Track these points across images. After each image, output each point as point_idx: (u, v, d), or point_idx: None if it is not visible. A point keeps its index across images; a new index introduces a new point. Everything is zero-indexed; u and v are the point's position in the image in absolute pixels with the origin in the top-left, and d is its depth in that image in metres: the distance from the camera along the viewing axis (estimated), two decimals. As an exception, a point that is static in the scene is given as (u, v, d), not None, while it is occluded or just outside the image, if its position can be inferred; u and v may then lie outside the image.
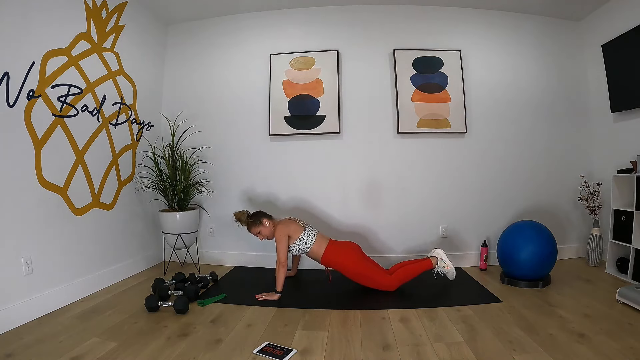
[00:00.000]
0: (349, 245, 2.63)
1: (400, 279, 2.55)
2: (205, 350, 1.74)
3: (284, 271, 2.47)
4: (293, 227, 2.57)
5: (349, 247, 2.62)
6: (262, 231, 2.61)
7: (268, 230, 2.61)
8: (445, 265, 2.63)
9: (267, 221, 2.61)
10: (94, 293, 2.58)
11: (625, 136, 3.00)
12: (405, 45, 3.29)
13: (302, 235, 2.56)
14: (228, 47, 3.44)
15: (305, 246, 2.57)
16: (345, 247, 2.61)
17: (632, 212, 2.65)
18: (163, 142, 3.37)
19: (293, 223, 2.59)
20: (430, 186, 3.27)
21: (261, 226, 2.60)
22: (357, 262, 2.55)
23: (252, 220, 2.63)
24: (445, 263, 2.64)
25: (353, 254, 2.57)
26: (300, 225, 2.60)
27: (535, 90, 3.35)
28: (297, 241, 2.56)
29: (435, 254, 2.68)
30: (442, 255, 2.66)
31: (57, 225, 2.33)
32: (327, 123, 3.25)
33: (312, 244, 2.57)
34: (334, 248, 2.58)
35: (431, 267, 2.63)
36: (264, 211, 2.73)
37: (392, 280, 2.53)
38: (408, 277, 2.57)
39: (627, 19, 2.89)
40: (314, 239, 2.58)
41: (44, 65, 2.20)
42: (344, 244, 2.65)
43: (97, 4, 2.64)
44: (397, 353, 1.72)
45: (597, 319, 2.01)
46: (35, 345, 1.78)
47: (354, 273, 2.55)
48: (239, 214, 2.67)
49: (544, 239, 2.58)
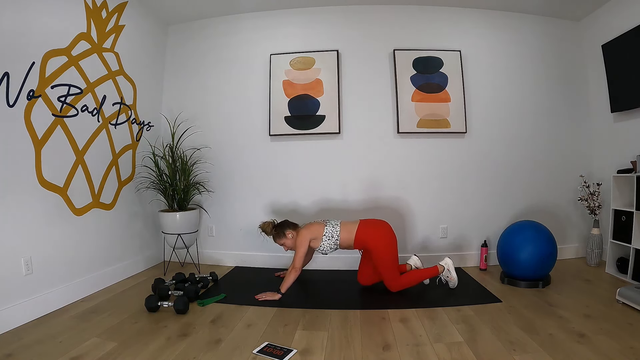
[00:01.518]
0: (383, 225, 2.57)
1: (406, 282, 2.53)
2: (205, 350, 1.74)
3: (295, 276, 2.46)
4: (314, 228, 2.55)
5: (384, 226, 2.56)
6: (286, 243, 2.61)
7: (291, 242, 2.60)
8: (450, 276, 2.60)
9: (290, 233, 2.60)
10: (94, 293, 2.58)
11: (625, 136, 3.00)
12: (405, 45, 3.29)
13: (326, 231, 2.54)
14: (228, 47, 3.44)
15: (334, 239, 2.53)
16: (380, 226, 2.55)
17: (632, 212, 2.64)
18: (163, 142, 3.37)
19: (313, 224, 2.59)
20: (430, 186, 3.27)
21: (284, 238, 2.60)
22: (390, 246, 2.49)
23: (276, 232, 2.63)
24: (451, 274, 2.60)
25: (388, 236, 2.51)
26: (320, 223, 2.59)
27: (535, 90, 3.35)
28: (323, 239, 2.53)
29: (444, 263, 2.63)
30: (450, 266, 2.62)
31: (57, 225, 2.33)
32: (327, 123, 3.25)
33: (339, 234, 2.54)
34: (366, 228, 2.53)
35: (437, 274, 2.61)
36: (289, 221, 2.70)
37: (401, 280, 2.51)
38: (413, 282, 2.55)
39: (627, 19, 2.89)
40: (339, 228, 2.55)
41: (44, 65, 2.20)
42: (378, 222, 2.59)
43: (97, 4, 2.64)
44: (397, 353, 1.72)
45: (597, 319, 2.01)
46: (35, 346, 1.78)
47: (381, 256, 2.47)
48: (265, 225, 2.67)
49: (544, 239, 2.58)
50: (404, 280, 2.52)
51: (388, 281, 2.52)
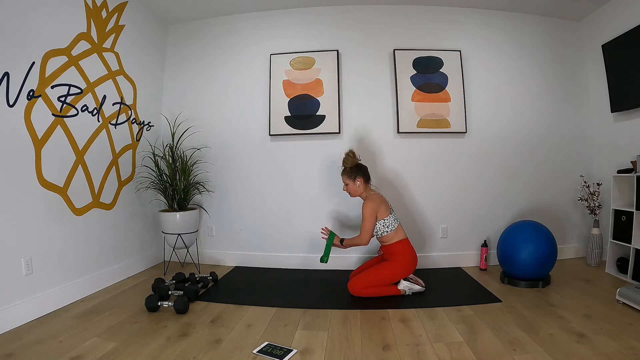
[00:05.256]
0: (414, 256, 2.58)
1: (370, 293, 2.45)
2: (205, 350, 1.74)
3: (359, 244, 2.53)
4: (383, 208, 2.54)
5: (413, 257, 2.56)
6: (350, 185, 2.62)
7: (355, 189, 2.61)
8: (413, 290, 2.52)
9: (360, 181, 2.58)
10: (94, 293, 2.58)
11: (625, 136, 3.00)
12: (405, 45, 3.29)
13: (388, 218, 2.54)
14: (228, 47, 3.44)
15: (387, 229, 2.53)
16: (411, 253, 2.56)
17: (632, 212, 2.64)
18: (163, 142, 3.37)
19: (384, 203, 2.57)
20: (430, 186, 3.27)
21: (351, 182, 2.60)
22: (400, 272, 2.50)
23: (349, 170, 2.61)
24: (413, 288, 2.52)
25: (408, 266, 2.52)
26: (388, 207, 2.59)
27: (535, 90, 3.35)
28: (381, 222, 2.53)
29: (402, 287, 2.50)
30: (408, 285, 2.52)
31: (57, 225, 2.33)
32: (327, 123, 3.25)
33: (392, 230, 2.54)
34: (405, 247, 2.55)
35: (398, 294, 2.50)
36: (367, 170, 2.65)
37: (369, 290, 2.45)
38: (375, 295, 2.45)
39: (627, 19, 2.89)
40: (396, 226, 2.56)
41: (44, 65, 2.20)
42: (413, 250, 2.60)
43: (97, 4, 2.64)
44: (397, 353, 1.72)
45: (597, 319, 2.01)
46: (35, 346, 1.78)
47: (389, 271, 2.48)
48: (351, 155, 2.62)
49: (544, 239, 2.58)
50: (369, 292, 2.45)
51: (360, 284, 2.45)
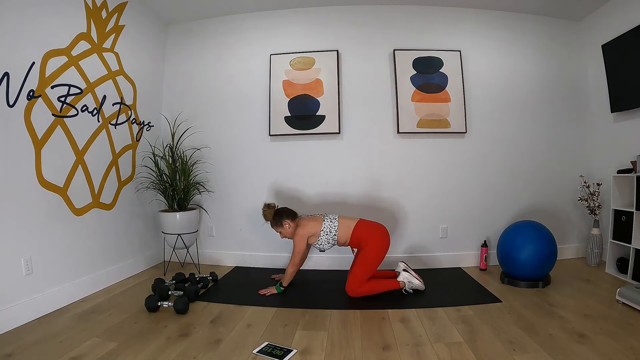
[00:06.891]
0: (382, 229, 2.55)
1: (367, 291, 2.43)
2: (205, 350, 1.74)
3: (294, 271, 2.54)
4: (311, 225, 2.54)
5: (383, 230, 2.54)
6: (283, 232, 2.62)
7: (288, 232, 2.60)
8: (413, 286, 2.51)
9: (288, 223, 2.59)
10: (94, 293, 2.58)
11: (625, 136, 3.00)
12: (405, 45, 3.29)
13: (324, 226, 2.53)
14: (228, 47, 3.44)
15: (332, 234, 2.52)
16: (379, 228, 2.54)
17: (632, 212, 2.64)
18: (163, 142, 3.37)
19: (310, 220, 2.57)
20: (430, 186, 3.27)
21: (281, 227, 2.61)
22: (381, 250, 2.46)
23: (274, 220, 2.62)
24: (413, 284, 2.51)
25: (385, 240, 2.50)
26: (318, 218, 2.58)
27: (535, 90, 3.35)
28: (321, 234, 2.52)
29: (402, 279, 2.52)
30: (408, 278, 2.52)
31: (57, 225, 2.33)
32: (327, 123, 3.25)
33: (337, 230, 2.52)
34: (365, 226, 2.52)
35: (399, 288, 2.51)
36: (289, 209, 2.68)
37: (365, 287, 2.43)
38: (373, 292, 2.45)
39: (627, 19, 2.89)
40: (337, 223, 2.53)
41: (44, 66, 2.20)
42: (378, 224, 2.57)
43: (97, 4, 2.64)
44: (397, 353, 1.72)
45: (597, 319, 2.01)
46: (35, 346, 1.78)
47: (369, 256, 2.44)
48: (266, 208, 2.64)
49: (544, 239, 2.58)
50: (366, 288, 2.43)
51: (353, 284, 2.43)
